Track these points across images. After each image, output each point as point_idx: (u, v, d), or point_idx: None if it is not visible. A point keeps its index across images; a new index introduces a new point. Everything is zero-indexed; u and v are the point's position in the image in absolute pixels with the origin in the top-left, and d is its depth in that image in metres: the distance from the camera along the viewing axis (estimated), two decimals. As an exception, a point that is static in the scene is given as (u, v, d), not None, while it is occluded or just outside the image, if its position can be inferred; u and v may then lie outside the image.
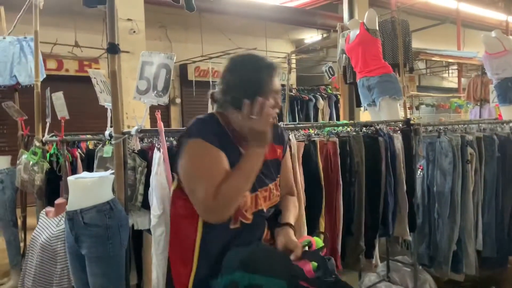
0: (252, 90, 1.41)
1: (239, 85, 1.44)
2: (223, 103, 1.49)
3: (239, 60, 1.51)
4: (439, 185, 3.19)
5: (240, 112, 1.40)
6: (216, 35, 8.30)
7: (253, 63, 1.48)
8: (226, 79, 1.49)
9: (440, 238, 3.20)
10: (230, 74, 1.48)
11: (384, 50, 4.57)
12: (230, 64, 1.51)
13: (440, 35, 9.89)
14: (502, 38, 4.78)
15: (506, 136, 3.52)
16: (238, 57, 1.53)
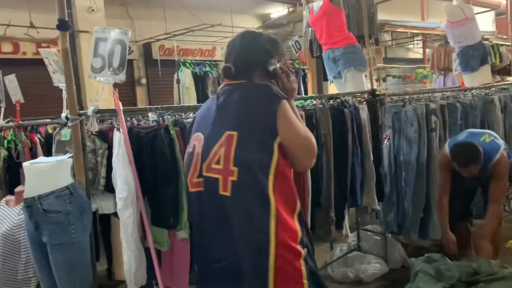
0: (279, 59, 1.72)
1: (269, 57, 1.69)
2: (252, 74, 1.68)
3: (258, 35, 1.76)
4: (405, 154, 3.24)
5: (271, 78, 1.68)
6: (180, 11, 8.07)
7: (271, 37, 1.76)
8: (252, 52, 1.69)
9: (407, 206, 3.28)
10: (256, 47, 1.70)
11: (349, 22, 4.54)
12: (248, 40, 1.73)
13: (404, 7, 9.93)
14: (463, 6, 4.83)
15: (468, 103, 3.60)
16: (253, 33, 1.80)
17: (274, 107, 1.57)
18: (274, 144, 1.55)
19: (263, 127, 1.57)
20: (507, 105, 3.99)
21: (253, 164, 1.54)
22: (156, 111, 2.12)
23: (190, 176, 1.68)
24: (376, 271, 3.16)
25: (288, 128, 1.57)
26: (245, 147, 1.55)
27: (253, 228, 1.53)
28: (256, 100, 1.62)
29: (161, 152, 2.02)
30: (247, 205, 1.55)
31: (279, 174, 1.55)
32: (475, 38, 4.82)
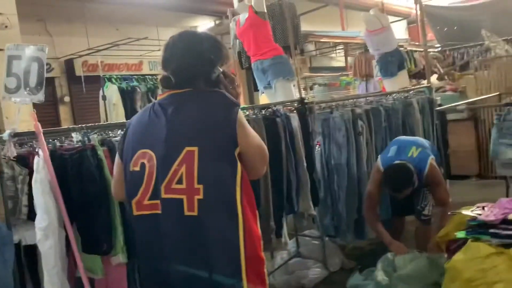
0: (222, 63, 1.63)
1: (214, 62, 1.59)
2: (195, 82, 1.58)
3: (201, 39, 1.62)
4: (336, 158, 3.35)
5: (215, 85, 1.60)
6: (103, 26, 7.80)
7: (215, 40, 1.65)
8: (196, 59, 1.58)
9: (342, 209, 3.38)
10: (199, 54, 1.58)
11: (275, 33, 4.65)
12: (189, 44, 1.60)
13: (325, 17, 10.38)
14: (379, 16, 5.15)
15: (390, 106, 3.81)
16: (195, 36, 1.67)
17: (233, 116, 1.51)
18: (235, 155, 1.50)
19: (225, 138, 1.50)
20: (424, 107, 4.27)
21: (219, 179, 1.48)
22: (81, 130, 2.00)
23: (138, 198, 1.51)
24: (316, 276, 3.22)
25: (246, 137, 1.53)
26: (208, 162, 1.47)
27: (225, 246, 1.48)
28: (214, 110, 1.53)
29: (88, 174, 1.91)
30: (216, 223, 1.47)
31: (244, 184, 1.51)
32: (392, 45, 5.15)
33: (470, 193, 4.90)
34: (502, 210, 2.36)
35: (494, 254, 2.19)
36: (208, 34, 1.69)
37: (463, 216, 2.50)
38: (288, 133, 2.89)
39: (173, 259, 1.49)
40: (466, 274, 2.22)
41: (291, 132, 2.92)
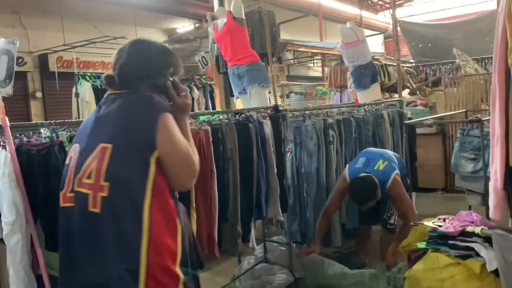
0: (171, 72, 1.63)
1: (161, 69, 1.61)
2: (139, 86, 1.58)
3: (150, 45, 1.66)
4: (306, 165, 3.40)
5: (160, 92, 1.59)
6: (80, 22, 7.68)
7: (165, 48, 1.68)
8: (140, 63, 1.60)
9: (309, 216, 3.43)
10: (145, 58, 1.61)
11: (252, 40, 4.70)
12: (137, 48, 1.64)
13: (305, 27, 10.54)
14: (355, 29, 5.26)
15: (361, 118, 3.90)
16: (145, 42, 1.67)
17: (154, 118, 1.48)
18: (151, 158, 1.45)
19: (140, 139, 1.47)
20: (394, 119, 4.39)
21: (126, 179, 1.44)
22: (49, 126, 1.97)
23: (64, 191, 1.53)
24: (282, 281, 3.25)
25: (168, 141, 1.48)
26: (119, 161, 1.45)
27: (123, 248, 1.41)
28: (135, 111, 1.52)
29: (55, 170, 1.88)
30: (117, 223, 1.42)
31: (157, 191, 1.45)
32: (366, 58, 5.27)
33: (435, 205, 5.05)
34: (461, 222, 2.44)
35: (452, 264, 2.27)
36: (160, 44, 1.71)
37: (425, 227, 2.58)
38: (260, 139, 2.91)
39: (77, 255, 1.48)
40: (425, 283, 2.29)
41: (263, 138, 2.95)
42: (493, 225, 2.34)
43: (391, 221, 3.33)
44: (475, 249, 2.24)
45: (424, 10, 14.13)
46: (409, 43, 10.79)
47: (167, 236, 1.45)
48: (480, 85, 5.63)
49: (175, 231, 1.48)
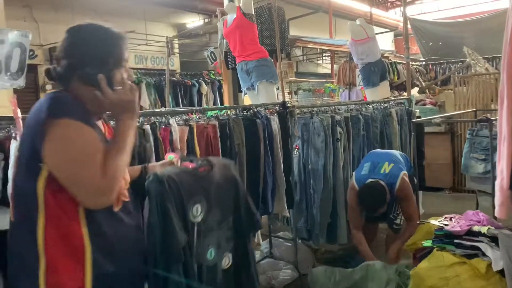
0: (109, 63, 1.35)
1: (93, 59, 1.33)
2: (70, 80, 1.34)
3: (86, 32, 1.37)
4: (313, 162, 3.40)
5: (93, 87, 1.33)
6: (90, 16, 7.68)
7: (103, 34, 1.37)
8: (74, 53, 1.34)
9: (316, 212, 3.44)
10: (78, 47, 1.35)
11: (262, 36, 4.70)
12: (74, 37, 1.36)
13: (314, 24, 10.50)
14: (365, 26, 5.24)
15: (369, 115, 3.89)
16: (83, 28, 1.38)
17: (43, 126, 1.23)
18: (41, 173, 1.25)
19: (29, 148, 1.27)
20: (403, 118, 4.37)
21: (22, 194, 1.29)
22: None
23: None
24: (286, 277, 3.26)
25: (55, 154, 1.23)
26: (18, 175, 1.32)
27: (24, 272, 1.27)
28: (31, 116, 1.30)
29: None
30: (18, 244, 1.30)
31: (52, 210, 1.25)
32: (375, 55, 5.25)
33: (442, 205, 5.02)
34: (468, 222, 2.44)
35: (457, 263, 2.27)
36: (101, 30, 1.38)
37: (431, 226, 2.58)
38: (268, 135, 2.92)
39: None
40: (429, 281, 2.29)
41: (271, 134, 2.96)
42: (500, 225, 2.34)
43: (397, 221, 3.32)
44: (481, 248, 2.24)
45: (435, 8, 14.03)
46: (419, 41, 10.70)
47: (69, 262, 1.25)
48: (490, 85, 5.58)
49: (80, 257, 1.26)
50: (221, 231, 1.70)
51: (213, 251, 1.66)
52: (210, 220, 1.65)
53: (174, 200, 1.54)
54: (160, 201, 1.51)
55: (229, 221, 1.74)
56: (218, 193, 1.68)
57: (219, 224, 1.69)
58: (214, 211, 1.67)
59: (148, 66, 9.39)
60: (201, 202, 1.62)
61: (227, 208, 1.73)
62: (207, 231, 1.64)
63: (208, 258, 1.64)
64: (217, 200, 1.67)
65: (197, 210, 1.60)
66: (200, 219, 1.61)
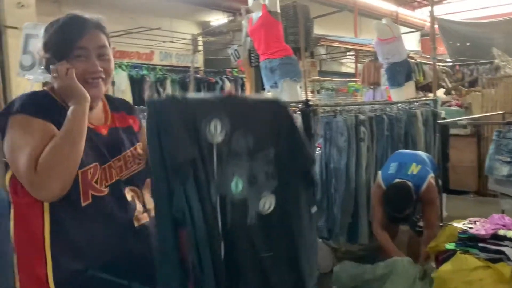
0: (55, 52, 1.31)
1: (48, 50, 1.33)
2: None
3: (49, 25, 1.39)
4: (335, 162, 3.39)
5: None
6: (117, 13, 7.87)
7: (56, 23, 1.35)
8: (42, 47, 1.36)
9: (337, 212, 3.42)
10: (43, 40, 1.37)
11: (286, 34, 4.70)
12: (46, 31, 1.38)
13: (339, 23, 10.42)
14: (391, 25, 5.19)
15: (394, 115, 3.85)
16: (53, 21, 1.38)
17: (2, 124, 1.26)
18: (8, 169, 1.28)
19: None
20: (428, 119, 4.30)
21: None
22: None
23: None
24: (306, 275, 3.26)
25: (5, 148, 1.24)
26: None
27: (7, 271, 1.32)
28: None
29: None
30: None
31: (17, 206, 1.28)
32: (401, 55, 5.19)
33: (467, 208, 4.93)
34: (493, 225, 2.40)
35: (481, 267, 2.23)
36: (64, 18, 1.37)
37: (454, 228, 2.54)
38: (290, 133, 2.93)
39: None
40: (451, 284, 2.26)
41: (293, 132, 2.96)
42: (526, 230, 2.29)
43: (420, 223, 3.28)
44: (506, 253, 2.20)
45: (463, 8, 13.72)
46: (447, 41, 10.50)
47: (33, 258, 1.25)
48: (520, 87, 5.45)
49: (42, 253, 1.24)
50: (256, 163, 1.34)
51: (240, 183, 1.30)
52: (236, 144, 1.30)
53: (181, 114, 1.22)
54: (159, 117, 1.21)
55: (268, 153, 1.36)
56: (251, 116, 1.34)
57: (253, 153, 1.33)
58: (243, 134, 1.31)
59: (173, 63, 9.50)
60: (222, 119, 1.27)
61: (266, 137, 1.36)
62: (232, 156, 1.29)
63: (232, 189, 1.29)
64: (248, 123, 1.32)
65: (216, 128, 1.26)
66: (220, 139, 1.27)
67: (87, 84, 1.30)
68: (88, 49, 1.32)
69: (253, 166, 1.33)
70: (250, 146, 1.32)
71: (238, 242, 1.29)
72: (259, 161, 1.35)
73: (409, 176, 3.08)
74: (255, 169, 1.34)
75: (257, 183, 1.33)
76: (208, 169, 1.25)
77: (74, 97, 1.25)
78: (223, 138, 1.27)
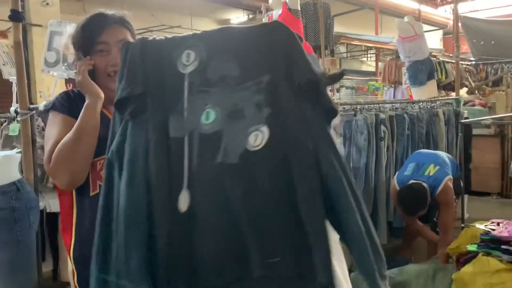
0: (79, 48, 1.36)
1: (74, 46, 1.39)
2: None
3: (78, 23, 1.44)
4: (355, 161, 3.36)
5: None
6: (139, 11, 7.96)
7: (82, 21, 1.40)
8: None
9: (356, 211, 3.39)
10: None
11: (306, 32, 4.69)
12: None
13: (360, 20, 10.33)
14: (413, 23, 5.10)
15: (415, 114, 3.79)
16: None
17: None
18: None
19: None
20: (450, 118, 4.23)
21: None
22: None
23: None
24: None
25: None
26: None
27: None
28: None
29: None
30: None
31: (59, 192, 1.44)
32: (423, 53, 5.10)
33: (489, 210, 4.83)
34: (517, 227, 2.35)
35: (504, 270, 2.19)
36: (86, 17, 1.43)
37: (477, 229, 2.50)
38: (310, 131, 2.91)
39: None
40: (473, 287, 2.22)
41: (313, 130, 2.95)
42: (552, 233, 2.24)
43: None
44: (531, 256, 2.15)
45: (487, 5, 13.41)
46: (470, 40, 10.28)
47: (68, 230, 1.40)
48: (546, 87, 5.30)
49: (70, 233, 1.38)
50: (243, 93, 1.04)
51: (212, 114, 1.03)
52: (212, 72, 1.06)
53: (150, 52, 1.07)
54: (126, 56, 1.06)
55: (259, 81, 1.05)
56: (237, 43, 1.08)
57: (239, 83, 1.06)
58: (224, 61, 1.07)
59: (193, 61, 9.55)
60: (196, 48, 1.07)
61: (257, 65, 1.06)
62: (206, 85, 1.05)
63: (202, 121, 1.01)
64: (231, 50, 1.07)
65: (188, 57, 1.08)
66: (192, 68, 1.06)
67: (109, 77, 1.33)
68: (109, 44, 1.36)
69: (239, 97, 1.05)
70: (234, 75, 1.06)
71: (208, 191, 0.95)
72: (248, 91, 1.06)
73: (425, 177, 3.04)
74: (242, 101, 1.04)
75: (243, 116, 1.03)
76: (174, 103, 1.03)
77: (87, 93, 1.30)
78: (196, 67, 1.06)
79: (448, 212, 3.07)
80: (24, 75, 1.85)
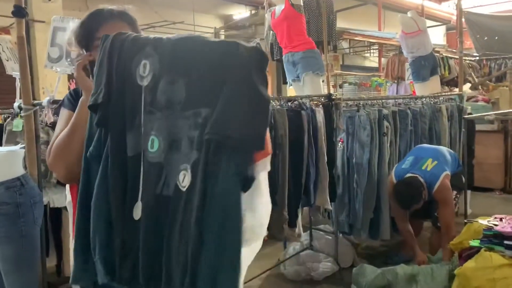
0: (79, 44, 1.38)
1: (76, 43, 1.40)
2: None
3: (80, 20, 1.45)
4: (357, 156, 3.36)
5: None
6: (142, 7, 7.91)
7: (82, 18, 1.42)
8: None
9: (358, 207, 3.40)
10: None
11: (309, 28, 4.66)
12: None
13: (363, 16, 10.27)
14: (417, 18, 5.08)
15: (418, 110, 3.78)
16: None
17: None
18: None
19: None
20: (453, 114, 4.22)
21: None
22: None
23: None
24: (326, 270, 3.26)
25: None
26: None
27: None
28: None
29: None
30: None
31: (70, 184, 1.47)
32: (426, 49, 5.09)
33: (492, 206, 4.82)
34: (519, 223, 2.34)
35: (506, 265, 2.19)
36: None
37: (479, 225, 2.50)
38: (312, 127, 2.92)
39: None
40: (475, 282, 2.23)
41: (315, 126, 2.95)
42: (555, 228, 2.23)
43: None
44: (533, 251, 2.15)
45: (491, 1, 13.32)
46: (474, 35, 10.22)
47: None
48: (550, 82, 5.28)
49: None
50: (183, 123, 1.00)
51: (156, 143, 1.02)
52: (161, 93, 1.02)
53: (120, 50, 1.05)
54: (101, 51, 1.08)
55: (198, 113, 0.98)
56: (188, 60, 1.00)
57: (183, 109, 1.00)
58: (172, 82, 1.01)
59: (195, 57, 9.54)
60: (151, 59, 1.02)
61: (202, 91, 0.98)
62: (154, 106, 1.03)
63: (148, 148, 1.03)
64: (180, 68, 1.00)
65: (145, 69, 1.03)
66: (146, 82, 1.03)
67: None
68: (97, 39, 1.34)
69: (179, 127, 1.01)
70: (179, 99, 1.00)
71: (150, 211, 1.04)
72: (187, 121, 1.00)
73: (422, 171, 3.06)
74: (181, 132, 1.00)
75: (180, 149, 1.01)
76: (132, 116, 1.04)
77: (82, 89, 1.32)
78: (149, 82, 1.03)
79: (447, 209, 3.07)
80: (28, 71, 1.85)
